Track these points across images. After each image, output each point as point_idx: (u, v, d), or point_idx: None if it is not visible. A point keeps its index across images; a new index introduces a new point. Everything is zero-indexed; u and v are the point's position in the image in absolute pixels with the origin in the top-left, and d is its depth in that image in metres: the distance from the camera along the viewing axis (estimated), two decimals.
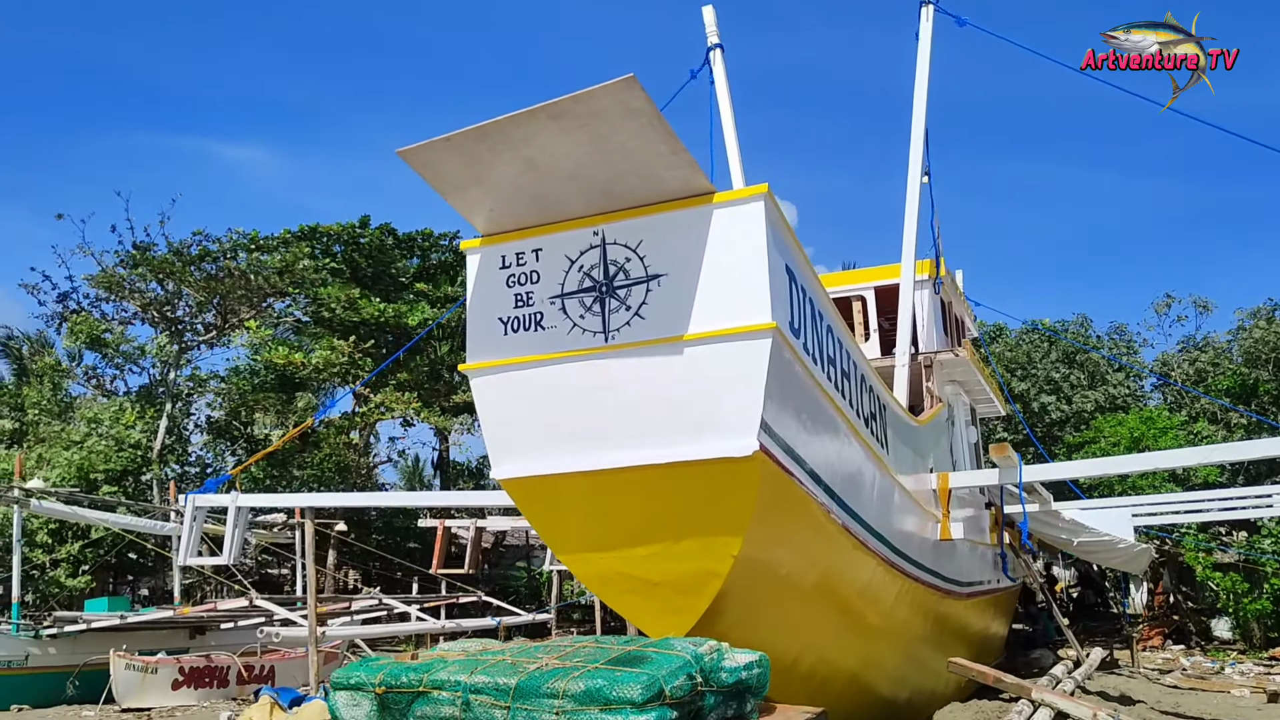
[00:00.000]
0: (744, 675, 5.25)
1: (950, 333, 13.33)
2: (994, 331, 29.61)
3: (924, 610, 10.19)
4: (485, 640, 6.09)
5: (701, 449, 5.87)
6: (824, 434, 6.85)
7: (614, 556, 6.45)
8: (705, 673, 4.95)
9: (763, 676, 5.46)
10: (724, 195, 6.06)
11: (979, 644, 14.27)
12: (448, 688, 4.93)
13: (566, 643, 5.48)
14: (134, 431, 26.33)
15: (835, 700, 8.92)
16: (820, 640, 8.06)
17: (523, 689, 4.73)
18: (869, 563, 8.01)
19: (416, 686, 5.01)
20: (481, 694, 4.83)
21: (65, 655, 16.32)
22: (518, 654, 5.18)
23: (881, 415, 8.41)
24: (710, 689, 4.97)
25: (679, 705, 4.70)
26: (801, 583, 7.27)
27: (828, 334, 7.04)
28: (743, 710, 5.32)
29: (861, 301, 12.71)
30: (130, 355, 29.52)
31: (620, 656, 4.94)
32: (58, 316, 30.19)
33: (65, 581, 24.34)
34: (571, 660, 4.94)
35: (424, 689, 4.99)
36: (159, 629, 17.63)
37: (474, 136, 5.74)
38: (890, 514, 8.47)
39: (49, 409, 28.75)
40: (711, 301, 5.94)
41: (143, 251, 26.55)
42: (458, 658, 5.25)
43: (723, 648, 5.28)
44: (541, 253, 6.40)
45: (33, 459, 26.38)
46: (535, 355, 6.29)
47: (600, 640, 5.40)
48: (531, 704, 4.68)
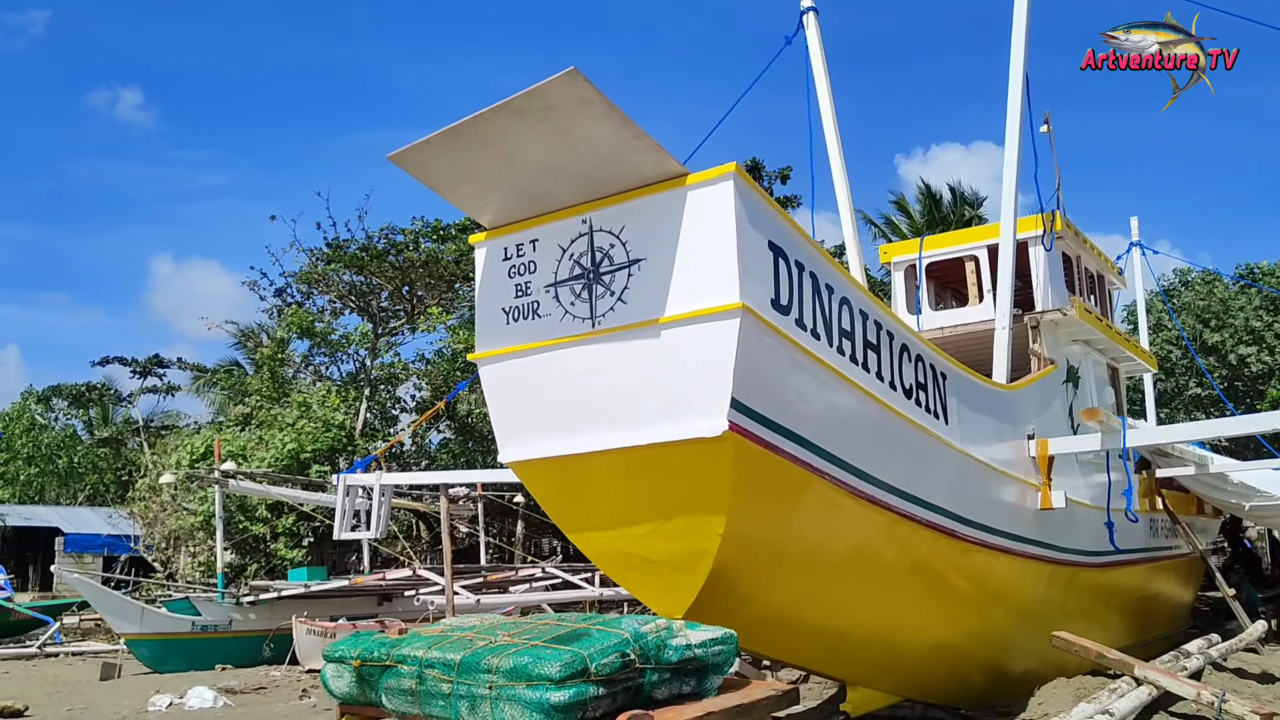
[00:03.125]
0: (697, 653, 5.34)
1: (1080, 288, 12.58)
2: (1201, 279, 27.40)
3: (1024, 582, 9.80)
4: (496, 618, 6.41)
5: (675, 430, 5.97)
6: (833, 409, 6.76)
7: (613, 536, 6.65)
8: (645, 651, 5.08)
9: (725, 654, 5.52)
10: (696, 177, 6.08)
11: (1140, 614, 13.51)
12: (408, 662, 5.30)
13: (530, 620, 5.75)
14: (338, 414, 28.43)
15: (917, 669, 8.81)
16: (876, 614, 7.96)
17: (464, 664, 5.03)
18: (919, 536, 7.82)
19: (384, 661, 5.41)
20: (433, 668, 5.17)
21: (263, 620, 18.05)
22: (482, 631, 5.48)
23: (938, 385, 8.15)
24: (651, 666, 5.09)
25: (608, 682, 4.87)
26: (828, 558, 7.21)
27: (841, 307, 6.92)
28: (701, 686, 5.41)
29: (974, 261, 12.18)
30: (337, 344, 31.85)
31: (564, 634, 5.15)
32: (276, 310, 32.95)
33: (283, 553, 26.67)
34: (521, 638, 5.19)
35: (390, 663, 5.38)
36: (349, 596, 19.15)
37: (450, 137, 6.01)
38: (949, 486, 8.20)
39: (269, 395, 31.42)
40: (685, 283, 6.00)
41: (336, 248, 28.52)
42: (432, 634, 5.61)
43: (672, 626, 5.39)
44: (538, 243, 6.63)
45: (254, 440, 29.01)
46: (532, 343, 6.54)
47: (563, 619, 5.62)
48: (470, 679, 4.97)
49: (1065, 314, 10.86)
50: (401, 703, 5.34)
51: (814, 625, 7.55)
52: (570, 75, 5.51)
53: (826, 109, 12.09)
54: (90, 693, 14.61)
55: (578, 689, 4.72)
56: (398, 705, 5.37)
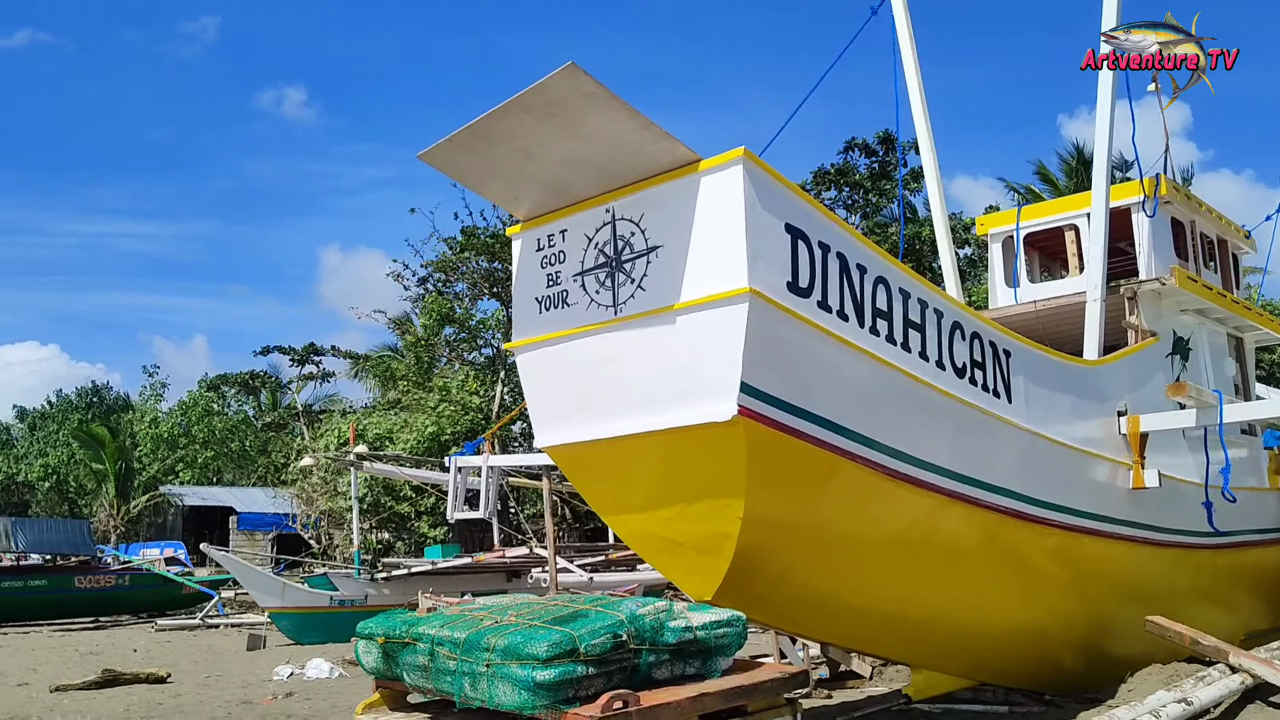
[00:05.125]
0: (698, 635, 5.41)
1: (1194, 255, 11.86)
2: None
3: (1118, 564, 9.41)
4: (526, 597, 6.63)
5: (689, 415, 6.03)
6: (864, 391, 6.66)
7: (643, 519, 6.77)
8: (640, 632, 5.19)
9: (731, 635, 5.57)
10: (708, 162, 6.10)
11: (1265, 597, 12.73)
12: (423, 640, 5.57)
13: (544, 601, 5.93)
14: (475, 398, 29.37)
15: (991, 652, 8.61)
16: (935, 596, 7.82)
17: (467, 643, 5.26)
18: (977, 519, 7.63)
19: (404, 638, 5.70)
20: (443, 646, 5.42)
21: (397, 595, 18.91)
22: (494, 611, 5.70)
23: (999, 363, 7.90)
24: (647, 647, 5.20)
25: (599, 662, 5.01)
26: (870, 541, 7.12)
27: (876, 287, 6.80)
28: (706, 667, 5.49)
29: (1074, 231, 11.64)
30: (474, 329, 32.87)
31: (565, 616, 5.31)
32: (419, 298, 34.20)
33: (426, 531, 27.82)
34: (525, 618, 5.39)
35: (409, 640, 5.67)
36: (479, 573, 19.87)
37: (469, 135, 6.21)
38: (1014, 466, 7.96)
39: (415, 380, 32.72)
40: (697, 269, 6.05)
41: (469, 235, 29.42)
42: (451, 613, 5.86)
43: (673, 608, 5.47)
44: (566, 233, 6.78)
45: (399, 424, 30.28)
46: (561, 331, 6.70)
47: (573, 600, 5.79)
48: (472, 656, 5.19)
49: (1165, 283, 10.29)
50: (418, 678, 5.63)
51: (864, 607, 7.48)
52: (569, 70, 5.62)
53: (913, 77, 11.76)
54: (231, 661, 15.69)
55: (564, 668, 4.87)
56: (415, 680, 5.67)
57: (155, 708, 11.12)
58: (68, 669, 14.95)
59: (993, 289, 12.42)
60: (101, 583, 26.66)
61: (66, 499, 50.17)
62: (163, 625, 23.37)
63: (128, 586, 27.00)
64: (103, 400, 63.21)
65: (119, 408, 60.41)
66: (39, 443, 58.50)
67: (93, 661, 15.32)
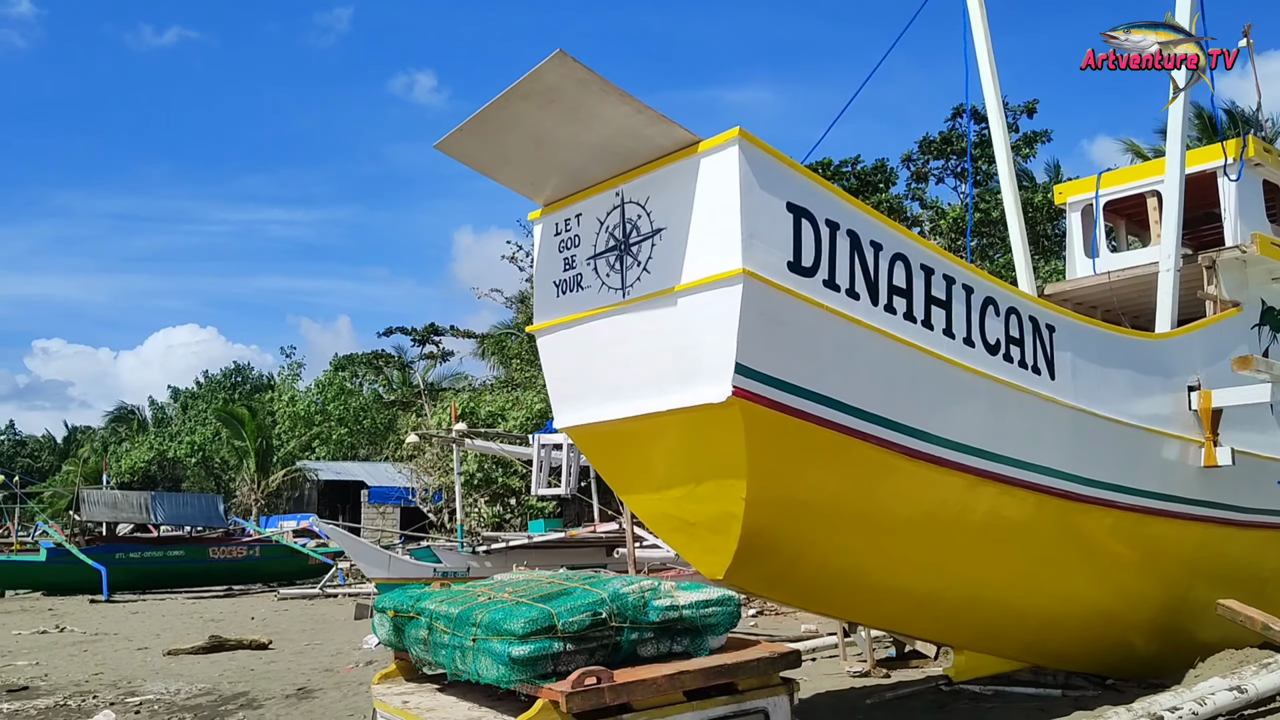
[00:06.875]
0: (684, 614, 5.45)
1: None
2: None
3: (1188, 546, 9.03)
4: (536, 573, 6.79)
5: (688, 396, 6.07)
6: (878, 370, 6.56)
7: (656, 499, 6.84)
8: (622, 610, 5.28)
9: (720, 615, 5.59)
10: (706, 144, 6.09)
11: None
12: (424, 614, 5.79)
13: (539, 578, 6.07)
14: None
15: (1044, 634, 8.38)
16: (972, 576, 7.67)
17: (459, 618, 5.44)
18: (1015, 498, 7.43)
19: (410, 612, 5.94)
20: (439, 620, 5.63)
21: (497, 568, 19.41)
22: (493, 588, 5.88)
23: (1039, 338, 7.65)
24: (629, 625, 5.29)
25: (577, 639, 5.12)
26: (893, 521, 7.02)
27: (894, 264, 6.68)
28: (694, 646, 5.54)
29: (1156, 197, 11.09)
30: None
31: (551, 593, 5.45)
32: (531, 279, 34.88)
33: (535, 504, 28.46)
34: (516, 594, 5.55)
35: (413, 614, 5.90)
36: (578, 547, 20.26)
37: (477, 123, 6.35)
38: (1060, 445, 7.72)
39: (527, 359, 33.43)
40: (697, 251, 6.06)
41: None
42: (456, 589, 6.07)
43: (659, 587, 5.53)
44: (581, 217, 6.87)
45: (510, 401, 30.97)
46: (576, 314, 6.81)
47: (568, 577, 5.91)
48: (463, 631, 5.37)
49: (1244, 251, 9.74)
50: (420, 651, 5.86)
51: (892, 587, 7.39)
52: (558, 57, 5.70)
53: (983, 51, 11.37)
54: (334, 630, 16.45)
55: (540, 644, 5.00)
56: (418, 653, 5.90)
57: (248, 673, 11.78)
58: (188, 634, 15.94)
59: (1070, 260, 11.97)
60: (234, 554, 28.24)
61: (212, 474, 53.08)
62: (285, 594, 24.60)
63: (258, 557, 28.54)
64: (246, 379, 66.55)
65: (261, 387, 63.51)
66: (189, 421, 62.00)
67: (213, 628, 16.26)
